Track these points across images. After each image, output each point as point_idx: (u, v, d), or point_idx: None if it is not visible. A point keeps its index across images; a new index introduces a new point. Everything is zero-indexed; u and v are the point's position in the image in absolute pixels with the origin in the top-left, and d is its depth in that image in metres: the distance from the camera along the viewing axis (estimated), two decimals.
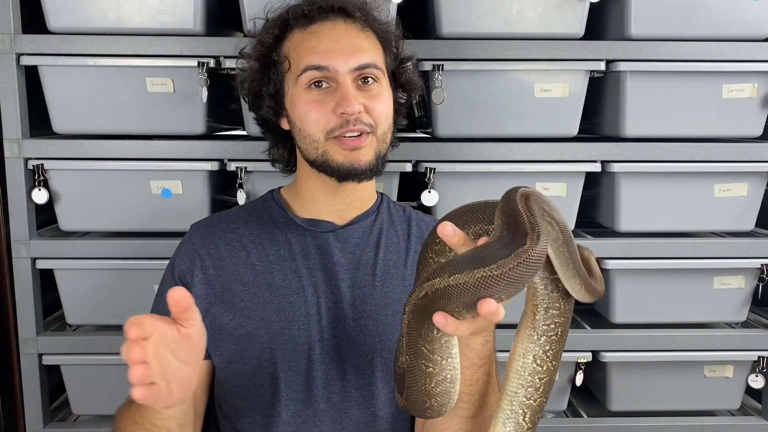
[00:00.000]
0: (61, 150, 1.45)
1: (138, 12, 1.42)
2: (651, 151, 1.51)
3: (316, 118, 1.01)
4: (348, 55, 1.02)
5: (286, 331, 1.03)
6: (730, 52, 1.48)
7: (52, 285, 1.52)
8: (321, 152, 1.03)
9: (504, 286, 0.64)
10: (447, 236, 0.73)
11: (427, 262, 0.83)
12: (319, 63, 1.01)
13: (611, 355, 1.57)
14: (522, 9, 1.46)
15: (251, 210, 1.14)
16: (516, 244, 0.65)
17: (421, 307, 0.70)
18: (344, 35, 1.04)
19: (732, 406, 1.67)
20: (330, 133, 1.01)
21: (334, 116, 1.00)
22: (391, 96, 1.08)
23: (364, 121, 1.01)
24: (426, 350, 0.74)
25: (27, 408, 1.53)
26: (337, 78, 1.01)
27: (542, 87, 1.50)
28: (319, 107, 1.01)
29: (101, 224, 1.52)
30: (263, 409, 1.03)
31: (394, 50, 1.10)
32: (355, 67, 1.02)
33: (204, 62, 1.42)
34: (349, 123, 1.00)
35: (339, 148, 1.01)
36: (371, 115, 1.02)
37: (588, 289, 0.76)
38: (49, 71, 1.44)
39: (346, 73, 1.01)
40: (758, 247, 1.55)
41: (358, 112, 1.00)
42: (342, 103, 1.00)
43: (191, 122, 1.47)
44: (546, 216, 0.72)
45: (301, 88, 1.03)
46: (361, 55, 1.03)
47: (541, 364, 0.76)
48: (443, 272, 0.67)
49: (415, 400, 0.79)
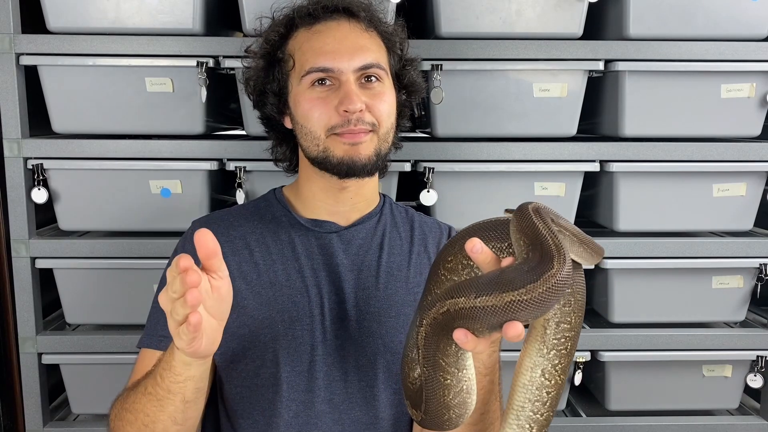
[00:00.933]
0: (61, 149, 1.46)
1: (137, 12, 1.42)
2: (650, 151, 1.51)
3: (318, 115, 1.02)
4: (351, 54, 1.02)
5: (289, 331, 1.03)
6: (728, 52, 1.48)
7: (51, 284, 1.52)
8: (322, 149, 1.03)
9: (532, 309, 0.65)
10: (475, 253, 0.73)
11: (439, 278, 0.82)
12: (323, 65, 1.02)
13: (610, 354, 1.57)
14: (520, 9, 1.47)
15: (254, 209, 1.14)
16: (544, 267, 0.66)
17: (441, 323, 0.70)
18: (348, 35, 1.05)
19: (730, 406, 1.67)
20: (331, 130, 1.02)
21: (336, 114, 1.01)
22: (394, 96, 1.08)
23: (366, 120, 1.01)
24: (444, 363, 0.74)
25: (26, 407, 1.53)
26: (340, 77, 1.02)
27: (541, 87, 1.50)
28: (321, 104, 1.02)
29: (100, 224, 1.52)
30: (264, 410, 1.03)
31: (399, 51, 1.11)
32: (358, 67, 1.02)
33: (203, 62, 1.42)
34: (351, 122, 1.00)
35: (339, 143, 1.02)
36: (373, 113, 1.02)
37: (598, 252, 0.78)
38: (48, 71, 1.44)
39: (349, 72, 1.02)
40: (757, 247, 1.56)
41: (360, 110, 1.00)
42: (344, 101, 1.00)
43: (190, 122, 1.48)
44: (559, 228, 0.73)
45: (305, 87, 1.04)
46: (364, 55, 1.03)
47: (549, 378, 0.75)
48: (468, 292, 0.67)
49: (435, 413, 0.78)
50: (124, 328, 1.54)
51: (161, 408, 0.88)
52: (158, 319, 1.04)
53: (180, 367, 0.85)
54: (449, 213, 1.52)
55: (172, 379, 0.86)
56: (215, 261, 0.76)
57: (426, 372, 0.75)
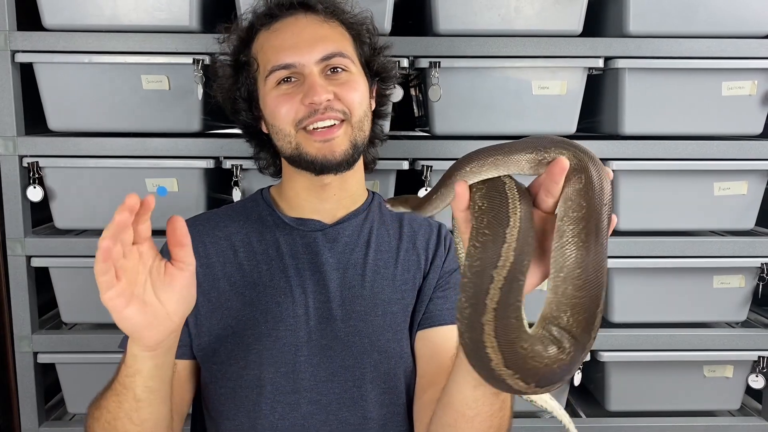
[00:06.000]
0: (56, 147, 1.45)
1: (134, 9, 1.42)
2: (650, 149, 1.50)
3: (285, 111, 1.01)
4: (311, 46, 1.01)
5: (273, 332, 1.02)
6: (729, 49, 1.47)
7: (47, 283, 1.51)
8: (294, 145, 1.02)
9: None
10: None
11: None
12: (285, 61, 1.01)
13: (610, 354, 1.56)
14: (519, 5, 1.45)
15: (241, 208, 1.13)
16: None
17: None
18: (306, 28, 1.04)
19: (732, 407, 1.65)
20: (299, 123, 1.00)
21: (303, 107, 1.00)
22: (365, 83, 1.07)
23: (336, 108, 1.00)
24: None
25: (22, 407, 1.52)
26: (303, 71, 1.01)
27: (540, 84, 1.49)
28: (287, 100, 1.01)
29: (96, 222, 1.51)
30: (248, 411, 1.01)
31: (367, 40, 1.09)
32: (320, 58, 1.01)
33: (199, 59, 1.41)
34: (318, 112, 0.99)
35: (311, 140, 1.01)
36: (343, 101, 1.01)
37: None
38: (44, 68, 1.44)
39: (312, 65, 1.01)
40: (758, 246, 1.54)
41: (327, 100, 0.99)
42: (309, 92, 0.99)
43: (187, 120, 1.47)
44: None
45: (270, 86, 1.03)
46: (325, 45, 1.02)
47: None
48: None
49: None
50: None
51: (119, 404, 0.86)
52: None
53: (130, 358, 0.83)
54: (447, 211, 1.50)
55: (125, 372, 0.85)
56: (180, 251, 0.78)
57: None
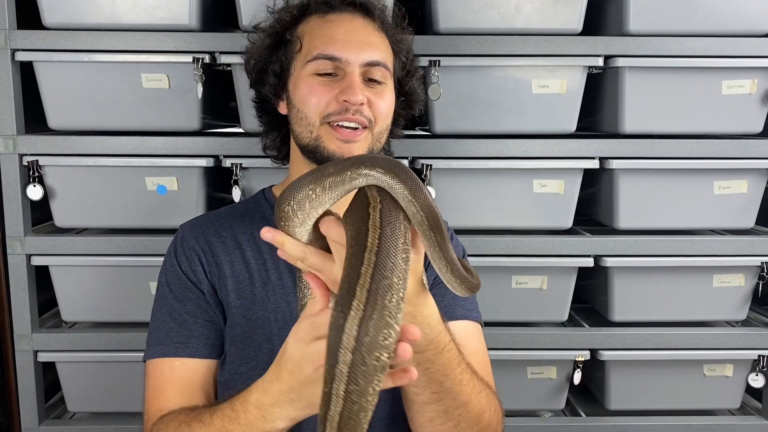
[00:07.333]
0: (56, 146, 1.45)
1: (133, 8, 1.42)
2: (650, 148, 1.50)
3: (316, 100, 1.00)
4: (361, 48, 1.01)
5: (284, 332, 1.01)
6: (729, 48, 1.47)
7: (47, 282, 1.51)
8: (314, 136, 1.01)
9: None
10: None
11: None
12: (332, 53, 1.01)
13: (610, 353, 1.56)
14: (519, 4, 1.45)
15: (243, 209, 1.13)
16: None
17: None
18: (360, 29, 1.04)
19: (732, 406, 1.65)
20: (326, 117, 1.00)
21: (335, 102, 0.99)
22: (394, 98, 1.07)
23: (365, 114, 1.00)
24: None
25: (22, 405, 1.52)
26: (345, 68, 1.01)
27: (540, 83, 1.49)
28: (322, 90, 1.00)
29: (96, 221, 1.51)
30: None
31: (404, 59, 1.10)
32: (366, 62, 1.01)
33: (199, 58, 1.41)
34: (349, 111, 0.99)
35: (333, 136, 1.00)
36: (372, 109, 1.01)
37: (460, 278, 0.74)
38: (44, 67, 1.44)
39: (356, 65, 1.01)
40: (758, 245, 1.54)
41: (361, 103, 0.99)
42: (347, 91, 0.98)
43: (186, 118, 1.47)
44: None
45: (308, 72, 1.02)
46: (373, 52, 1.02)
47: None
48: None
49: None
50: (120, 325, 1.53)
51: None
52: (169, 327, 1.02)
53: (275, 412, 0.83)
54: (447, 210, 1.50)
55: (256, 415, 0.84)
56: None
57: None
